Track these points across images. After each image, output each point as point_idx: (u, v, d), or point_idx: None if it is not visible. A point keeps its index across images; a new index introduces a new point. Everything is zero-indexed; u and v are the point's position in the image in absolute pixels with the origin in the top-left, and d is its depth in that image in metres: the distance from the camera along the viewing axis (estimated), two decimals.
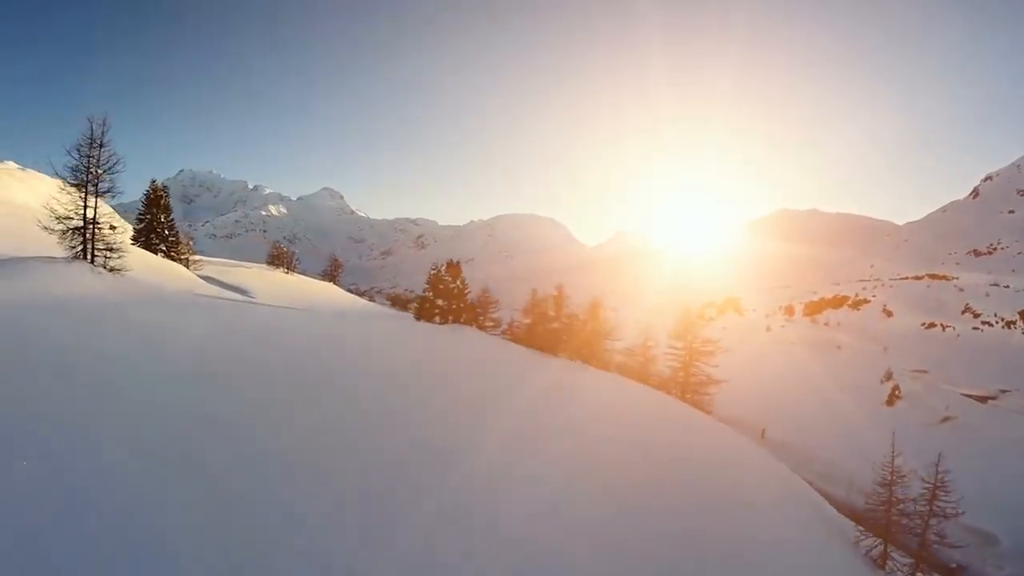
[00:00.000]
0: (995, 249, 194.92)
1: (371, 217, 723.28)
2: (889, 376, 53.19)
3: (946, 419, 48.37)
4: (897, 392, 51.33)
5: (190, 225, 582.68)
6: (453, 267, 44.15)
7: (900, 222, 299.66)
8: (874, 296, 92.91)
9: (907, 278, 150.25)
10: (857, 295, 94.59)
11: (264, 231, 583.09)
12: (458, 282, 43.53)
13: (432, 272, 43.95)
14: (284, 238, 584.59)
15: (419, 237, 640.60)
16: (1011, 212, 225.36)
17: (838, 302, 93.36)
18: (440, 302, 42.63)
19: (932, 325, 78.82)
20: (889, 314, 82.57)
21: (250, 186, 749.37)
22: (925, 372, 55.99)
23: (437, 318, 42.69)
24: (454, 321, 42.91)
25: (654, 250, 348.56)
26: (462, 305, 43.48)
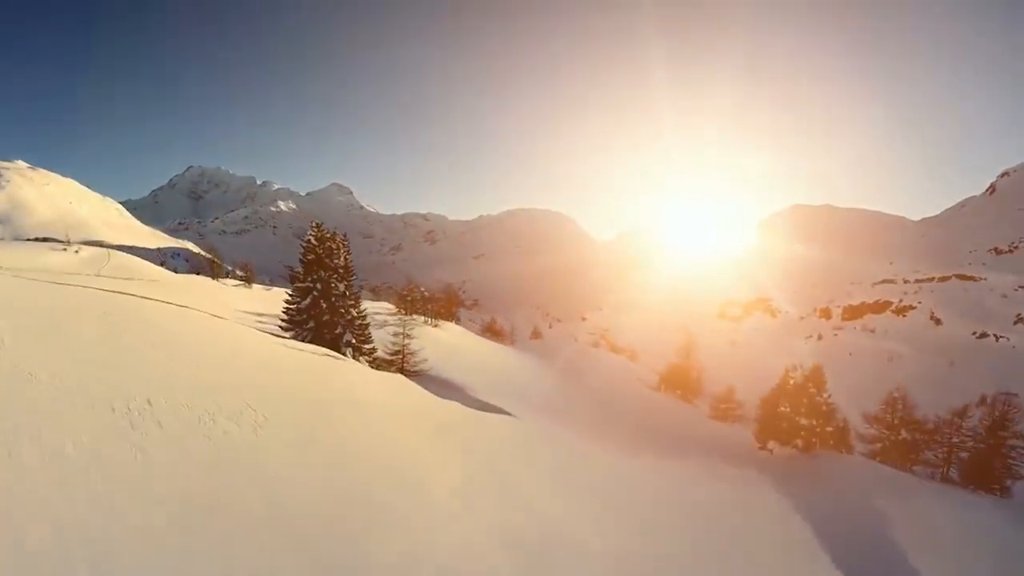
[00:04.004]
0: (1016, 247, 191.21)
1: (380, 212, 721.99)
2: (983, 400, 50.51)
3: None
4: None
5: (199, 221, 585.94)
6: (818, 373, 33.37)
7: (913, 217, 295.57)
8: (919, 302, 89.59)
9: (933, 279, 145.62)
10: (901, 300, 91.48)
11: (274, 227, 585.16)
12: (825, 394, 32.86)
13: (791, 379, 33.30)
14: (294, 234, 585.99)
15: (429, 232, 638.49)
16: None
17: (880, 307, 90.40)
18: (804, 421, 31.75)
19: (984, 335, 75.46)
20: (938, 322, 79.34)
21: (259, 182, 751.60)
22: (1015, 395, 53.49)
23: (799, 441, 31.87)
24: (821, 446, 32.34)
25: (666, 246, 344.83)
26: (830, 428, 33.02)
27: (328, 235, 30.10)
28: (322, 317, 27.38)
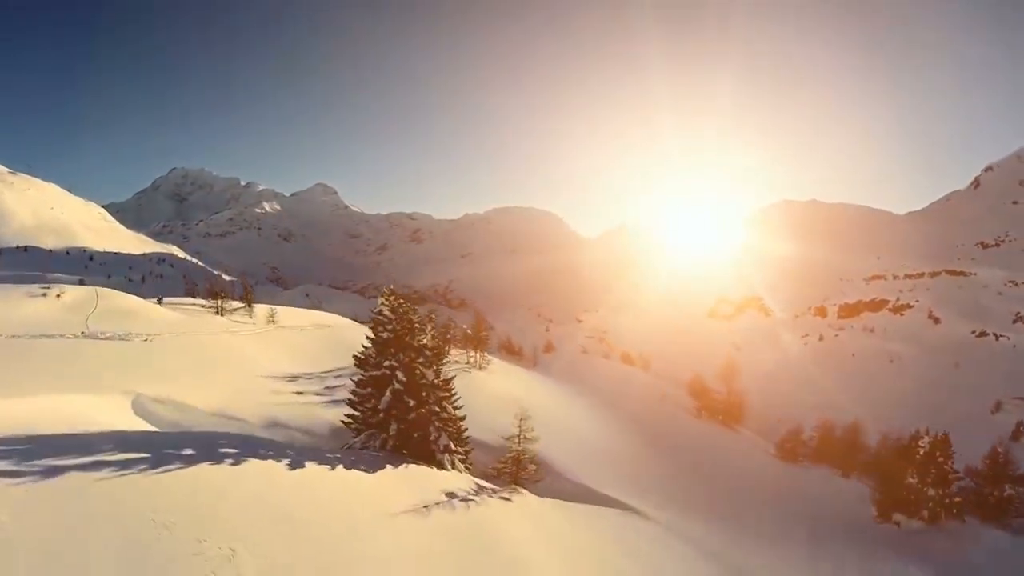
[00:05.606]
0: (1003, 241, 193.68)
1: (365, 212, 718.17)
2: (999, 406, 50.44)
3: None
4: (1022, 427, 49.52)
5: (184, 224, 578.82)
6: (945, 441, 31.26)
7: (896, 211, 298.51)
8: (916, 300, 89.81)
9: (923, 274, 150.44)
10: (897, 299, 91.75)
11: (259, 228, 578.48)
12: (951, 462, 31.01)
13: (919, 448, 31.21)
14: (279, 235, 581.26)
15: (415, 232, 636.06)
16: (1015, 203, 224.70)
17: (877, 305, 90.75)
18: (931, 491, 30.06)
19: (983, 334, 75.69)
20: (936, 321, 79.44)
21: (243, 183, 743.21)
22: None
23: (925, 512, 30.18)
24: (946, 516, 30.57)
25: (658, 243, 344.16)
26: (958, 498, 31.16)
27: (405, 305, 21.44)
28: (407, 415, 20.47)
